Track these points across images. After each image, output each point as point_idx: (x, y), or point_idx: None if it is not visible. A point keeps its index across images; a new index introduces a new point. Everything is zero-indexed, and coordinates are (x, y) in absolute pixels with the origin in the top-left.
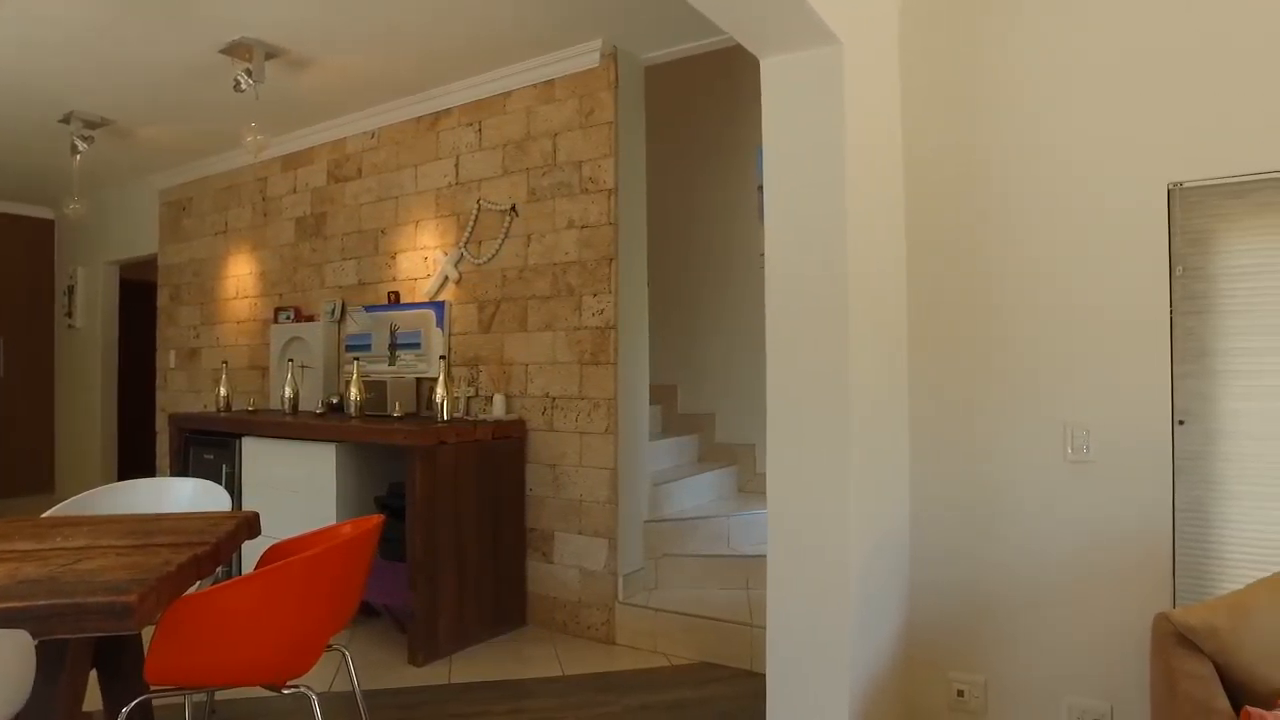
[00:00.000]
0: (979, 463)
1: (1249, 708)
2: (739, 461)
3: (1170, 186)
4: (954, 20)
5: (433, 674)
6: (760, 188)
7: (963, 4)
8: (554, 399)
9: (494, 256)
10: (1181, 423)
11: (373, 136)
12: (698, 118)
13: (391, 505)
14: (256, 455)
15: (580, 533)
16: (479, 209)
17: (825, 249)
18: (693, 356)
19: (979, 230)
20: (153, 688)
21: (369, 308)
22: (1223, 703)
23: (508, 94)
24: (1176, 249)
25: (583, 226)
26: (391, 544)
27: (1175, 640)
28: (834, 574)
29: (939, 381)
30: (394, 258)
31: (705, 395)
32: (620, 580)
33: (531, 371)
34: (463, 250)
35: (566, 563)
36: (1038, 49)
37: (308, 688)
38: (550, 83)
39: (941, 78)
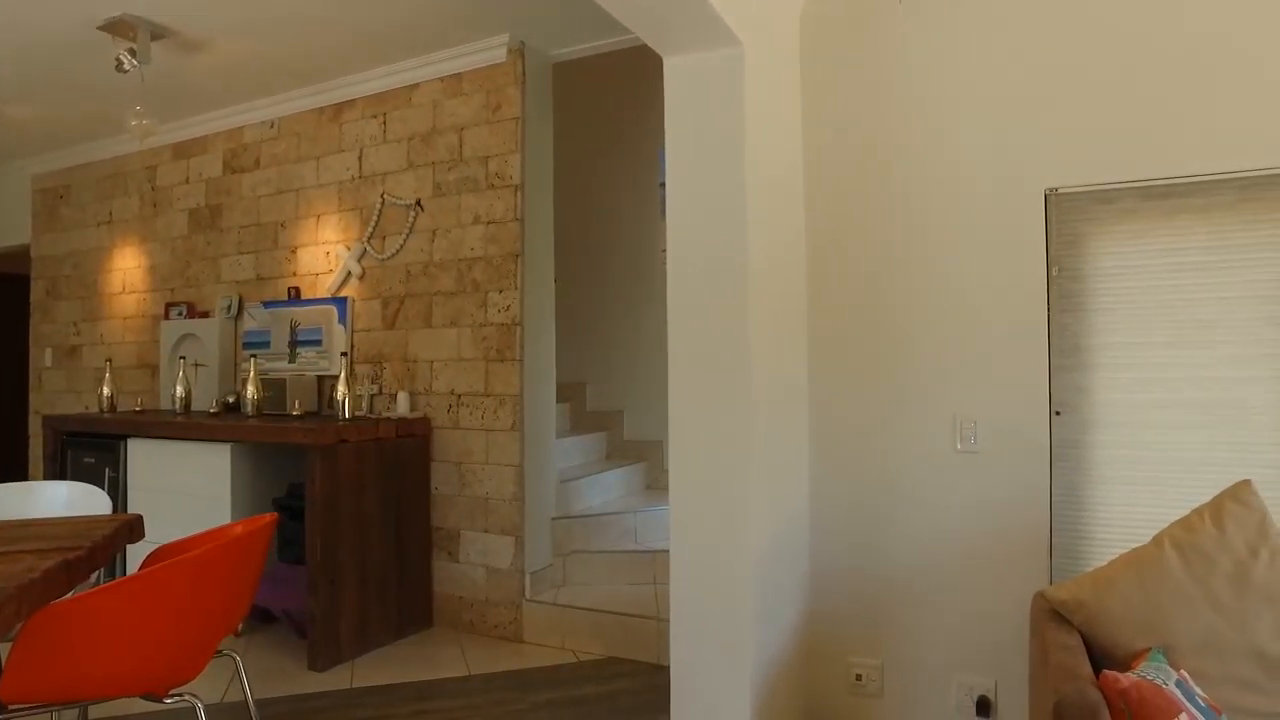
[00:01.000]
0: (876, 454)
1: (1106, 671)
2: (647, 458)
3: (1047, 192)
4: (853, 27)
5: (334, 679)
6: (663, 185)
7: (862, 12)
8: (459, 396)
9: (398, 252)
10: (1059, 413)
11: (272, 127)
12: (607, 115)
13: (291, 507)
14: (144, 458)
15: (487, 531)
16: (383, 203)
17: (725, 247)
18: (601, 354)
19: (876, 230)
20: (10, 708)
21: (268, 304)
22: (1086, 669)
23: (414, 86)
24: (1053, 251)
25: (489, 222)
26: (291, 547)
27: (1049, 615)
28: (734, 566)
29: (838, 376)
30: (294, 252)
31: (614, 393)
32: (528, 578)
33: (437, 368)
34: (366, 245)
35: (473, 561)
36: (932, 59)
37: (193, 695)
38: (457, 76)
39: (840, 82)
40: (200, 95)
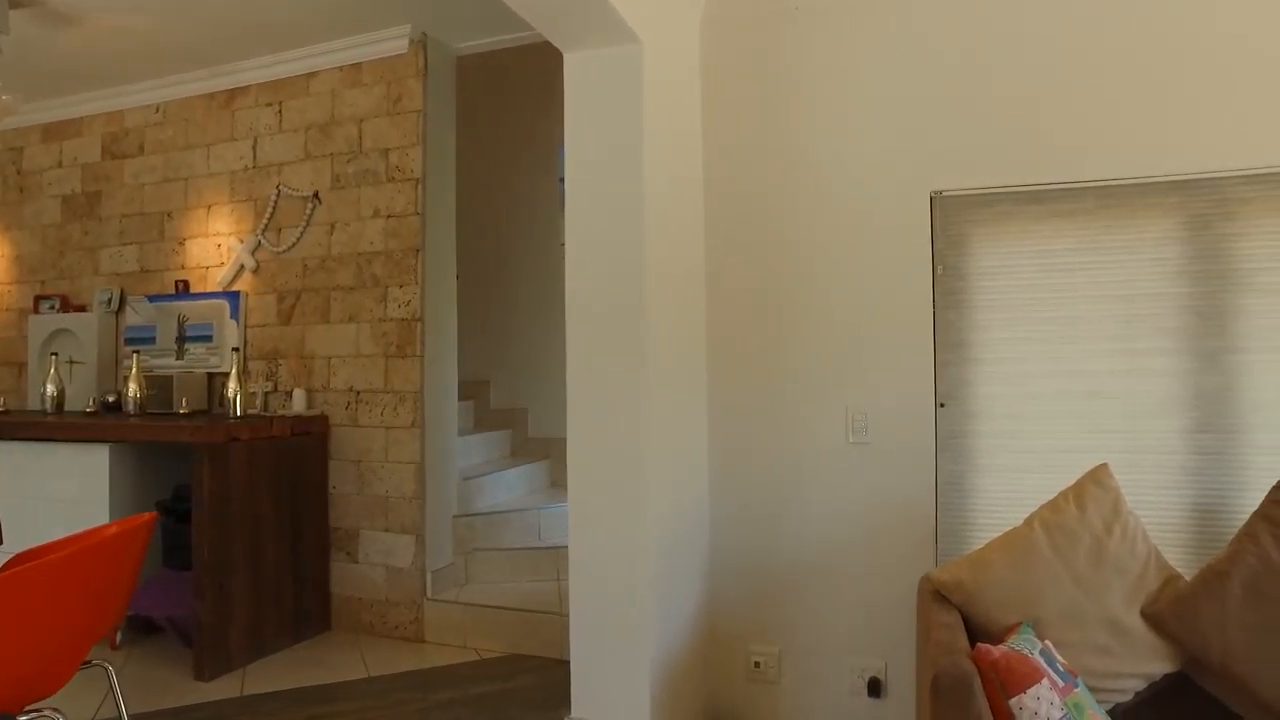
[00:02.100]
0: (772, 446)
1: (980, 644)
2: (551, 455)
3: (933, 194)
4: (752, 29)
5: (222, 688)
6: (563, 180)
7: (761, 15)
8: (358, 393)
9: (295, 245)
10: (943, 405)
11: (158, 110)
12: (510, 110)
13: (177, 510)
14: (7, 460)
15: (387, 530)
16: (279, 194)
17: (623, 243)
18: (505, 351)
19: (773, 228)
20: None
21: (153, 298)
22: (963, 644)
23: (311, 75)
24: (938, 250)
25: (389, 216)
26: (178, 552)
27: (932, 596)
28: (633, 559)
29: (736, 370)
30: (183, 244)
31: (518, 390)
32: (429, 577)
33: (335, 365)
34: (261, 238)
35: (373, 561)
36: (827, 63)
37: (55, 711)
38: (357, 66)
39: (740, 83)
40: (74, 73)
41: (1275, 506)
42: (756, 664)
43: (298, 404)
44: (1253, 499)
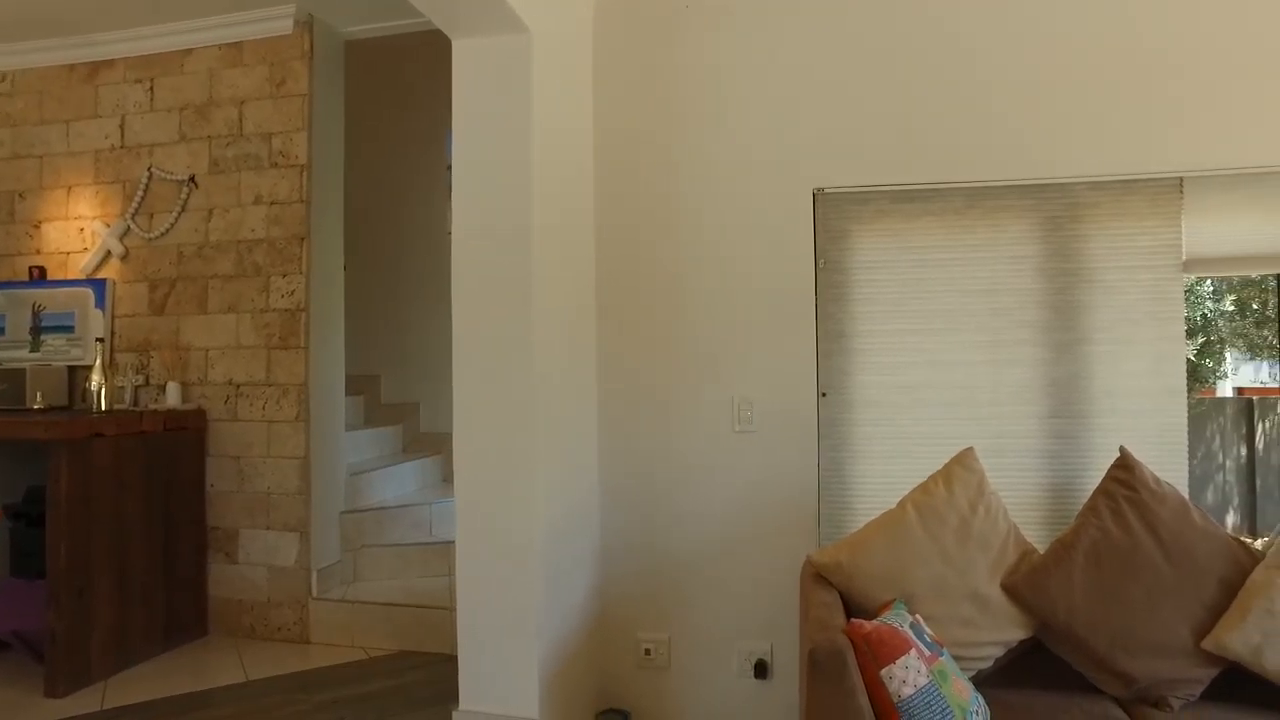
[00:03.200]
0: (661, 435)
1: (853, 619)
2: (445, 450)
3: (815, 191)
4: (645, 24)
5: (78, 703)
6: (450, 167)
7: (653, 9)
8: (239, 386)
9: (169, 231)
10: (824, 395)
11: (5, 80)
12: (403, 96)
13: (28, 513)
14: None
15: (269, 528)
16: (150, 177)
17: (511, 233)
18: (396, 345)
19: (663, 221)
20: None
21: (3, 284)
22: (839, 620)
23: (187, 52)
24: (820, 245)
25: (272, 203)
26: (29, 559)
27: (813, 578)
28: (521, 551)
29: (625, 360)
30: (38, 227)
31: (409, 385)
32: (314, 575)
33: (213, 357)
34: (130, 222)
35: (254, 561)
36: (716, 60)
37: None
38: (238, 45)
39: (631, 77)
40: None
41: (1113, 483)
42: (647, 651)
43: (171, 398)
44: (1098, 478)
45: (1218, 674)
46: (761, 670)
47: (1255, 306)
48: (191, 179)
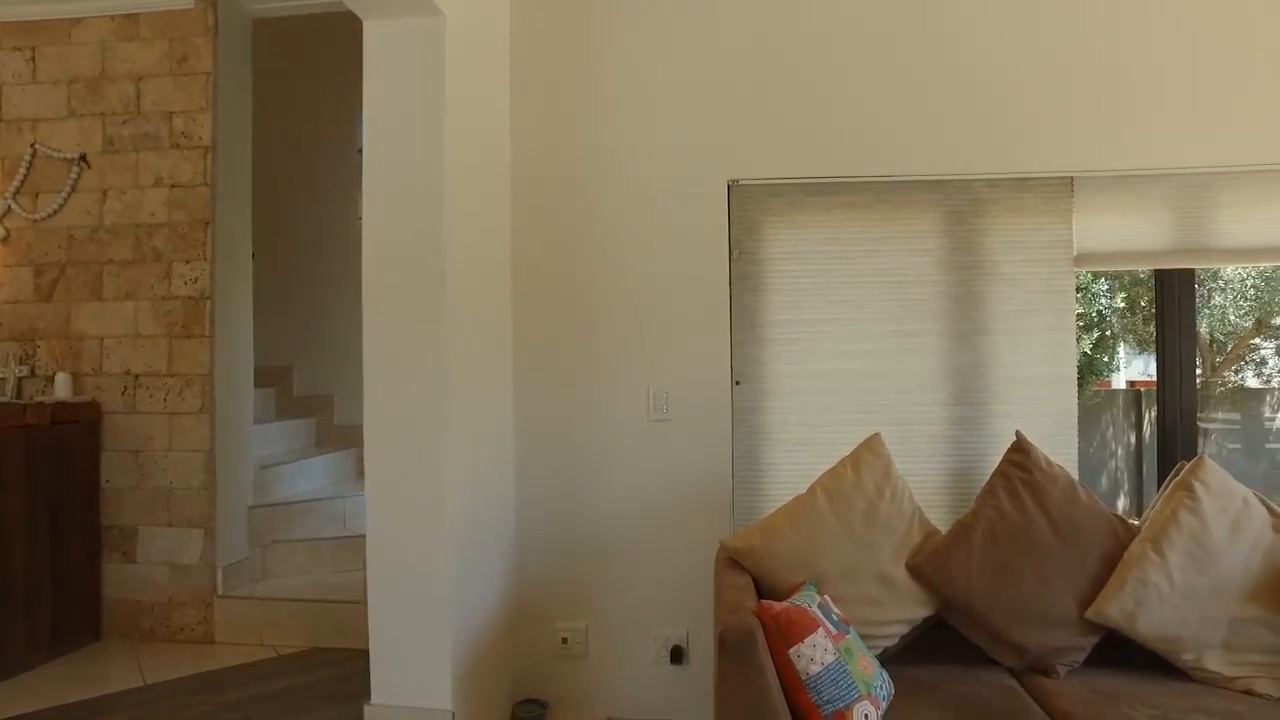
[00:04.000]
0: (578, 425)
1: (763, 601)
2: (360, 443)
3: (729, 183)
4: (562, 13)
5: None
6: (361, 151)
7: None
8: (137, 377)
9: (57, 212)
10: (738, 383)
11: None
12: (315, 78)
13: None
14: None
15: (171, 525)
16: (34, 154)
17: (423, 222)
18: (309, 336)
19: (580, 210)
20: None
21: None
22: (750, 602)
23: (75, 21)
24: (734, 236)
25: (173, 185)
26: None
27: (726, 562)
28: (433, 542)
29: (542, 351)
30: None
31: (323, 376)
32: (220, 573)
33: (108, 346)
34: (11, 202)
35: (154, 560)
36: (634, 51)
37: None
38: (133, 18)
39: (549, 65)
40: None
41: (1009, 466)
42: (564, 640)
43: (61, 390)
44: (997, 461)
45: (1099, 640)
46: (678, 656)
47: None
48: (82, 158)
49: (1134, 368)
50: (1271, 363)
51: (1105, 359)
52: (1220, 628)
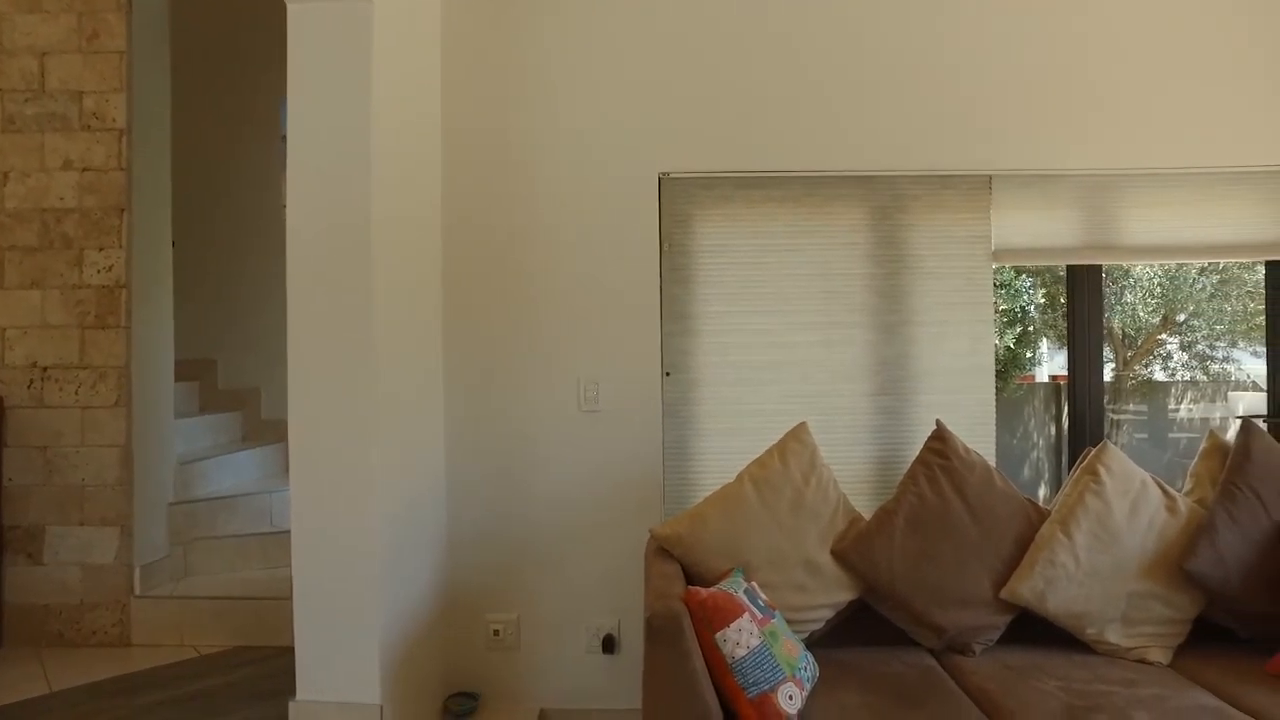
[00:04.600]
0: (509, 417)
1: (690, 587)
2: (288, 437)
3: (661, 175)
4: (497, 2)
5: None
6: (285, 137)
7: None
8: (44, 369)
9: None
10: (669, 374)
11: None
12: (238, 60)
13: None
14: None
15: (83, 524)
16: None
17: (349, 212)
18: (234, 328)
19: (510, 201)
20: None
21: None
22: (678, 589)
23: None
24: (665, 228)
25: (85, 169)
26: None
27: (656, 551)
28: (360, 535)
29: (472, 342)
30: None
31: (250, 369)
32: (137, 572)
33: (12, 337)
34: None
35: (63, 561)
36: (565, 43)
37: None
38: None
39: (481, 55)
40: None
41: (929, 453)
42: (496, 632)
43: None
44: (919, 449)
45: (1012, 619)
46: (609, 645)
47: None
48: None
49: (1056, 362)
50: (1176, 357)
51: (1028, 353)
52: (1120, 603)
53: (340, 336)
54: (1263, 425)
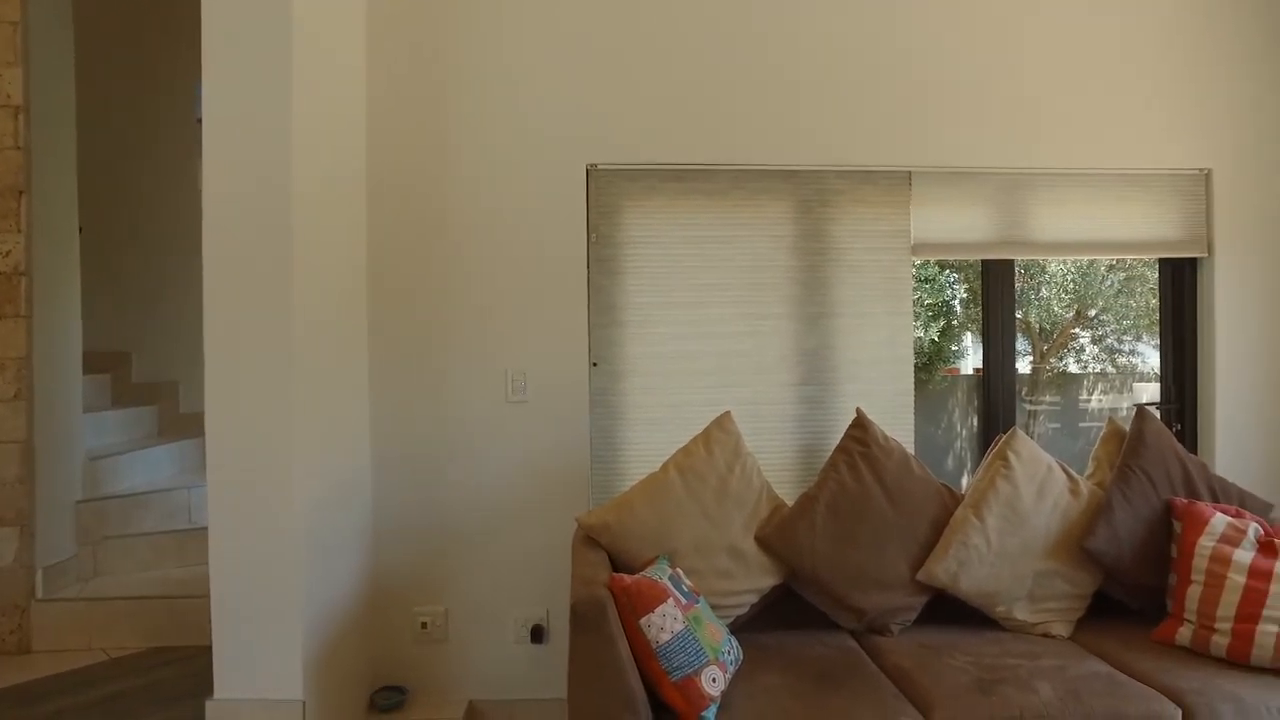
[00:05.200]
0: (436, 408)
1: (614, 574)
2: None
3: (589, 167)
4: None
5: None
6: (200, 120)
7: None
8: None
9: None
10: (595, 365)
11: None
12: (149, 35)
13: None
14: None
15: None
16: None
17: (269, 197)
18: (150, 319)
19: (438, 191)
20: None
21: None
22: (603, 576)
23: None
24: (592, 220)
25: None
26: None
27: (582, 540)
28: (280, 529)
29: (398, 332)
30: None
31: (166, 362)
32: (40, 574)
33: None
34: None
35: None
36: (493, 33)
37: None
38: None
39: (410, 41)
40: None
41: (850, 441)
42: (424, 624)
43: None
44: (840, 437)
45: (929, 599)
46: (539, 635)
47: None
48: None
49: (980, 354)
50: (1089, 351)
51: (953, 346)
52: (1027, 581)
53: (259, 324)
54: (1156, 412)
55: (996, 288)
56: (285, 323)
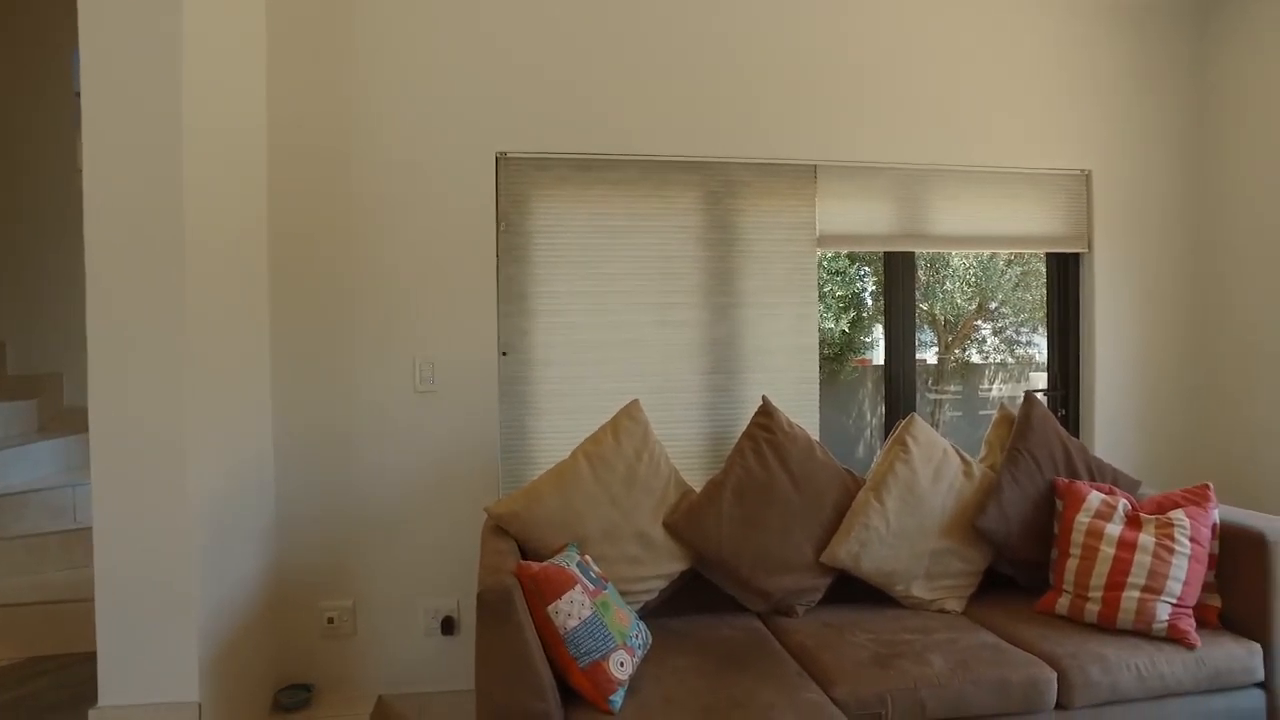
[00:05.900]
0: (341, 400)
1: (521, 562)
2: None
3: (498, 155)
4: None
5: None
6: (79, 94)
7: None
8: None
9: None
10: (505, 354)
11: None
12: (30, 8)
13: None
14: None
15: None
16: None
17: (157, 180)
18: (27, 305)
19: (342, 178)
20: None
21: None
22: (511, 564)
23: None
24: (502, 208)
25: None
26: None
27: (492, 529)
28: (172, 526)
29: (302, 321)
30: None
31: (48, 353)
32: None
33: None
34: None
35: None
36: (399, 20)
37: None
38: None
39: (314, 22)
40: None
41: (755, 428)
42: (330, 619)
43: None
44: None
45: (832, 581)
46: (449, 626)
47: None
48: None
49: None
50: (990, 342)
51: (863, 337)
52: (924, 560)
53: (148, 310)
54: (1044, 398)
55: (897, 279)
56: (177, 309)
